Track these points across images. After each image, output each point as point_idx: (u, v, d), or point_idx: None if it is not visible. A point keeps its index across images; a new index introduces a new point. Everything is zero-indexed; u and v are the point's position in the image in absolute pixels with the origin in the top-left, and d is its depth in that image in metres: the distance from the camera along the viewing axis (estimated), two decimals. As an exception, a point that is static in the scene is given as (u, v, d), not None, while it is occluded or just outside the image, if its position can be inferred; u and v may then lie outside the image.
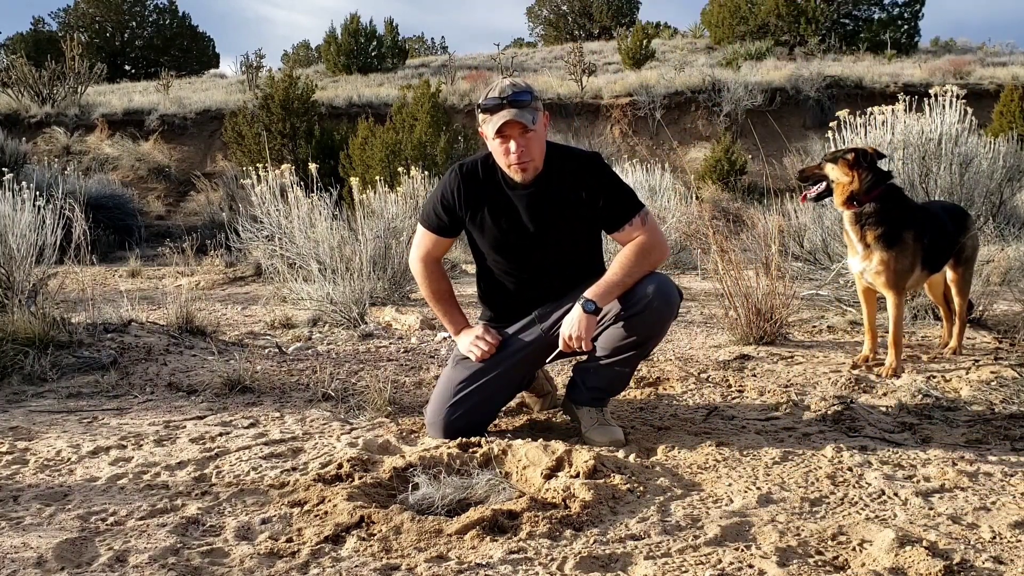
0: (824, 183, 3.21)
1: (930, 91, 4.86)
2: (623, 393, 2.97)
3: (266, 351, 3.77)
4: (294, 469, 2.18)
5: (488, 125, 2.25)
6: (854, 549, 1.66)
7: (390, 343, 4.01)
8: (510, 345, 2.44)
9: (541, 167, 2.32)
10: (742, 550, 1.66)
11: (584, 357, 2.47)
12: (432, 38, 69.41)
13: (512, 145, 2.23)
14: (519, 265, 2.43)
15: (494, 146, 2.29)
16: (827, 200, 3.31)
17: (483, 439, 2.31)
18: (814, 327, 4.14)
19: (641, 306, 2.27)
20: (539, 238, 2.37)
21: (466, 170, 2.38)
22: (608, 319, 2.34)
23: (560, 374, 3.21)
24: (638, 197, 2.39)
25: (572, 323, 2.25)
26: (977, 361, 3.29)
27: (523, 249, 2.40)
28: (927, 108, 4.81)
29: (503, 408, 2.74)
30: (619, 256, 2.33)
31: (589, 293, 2.26)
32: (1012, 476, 2.06)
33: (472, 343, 2.42)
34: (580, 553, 1.64)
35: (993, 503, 1.90)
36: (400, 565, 1.61)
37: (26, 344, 3.19)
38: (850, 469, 2.13)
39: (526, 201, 2.34)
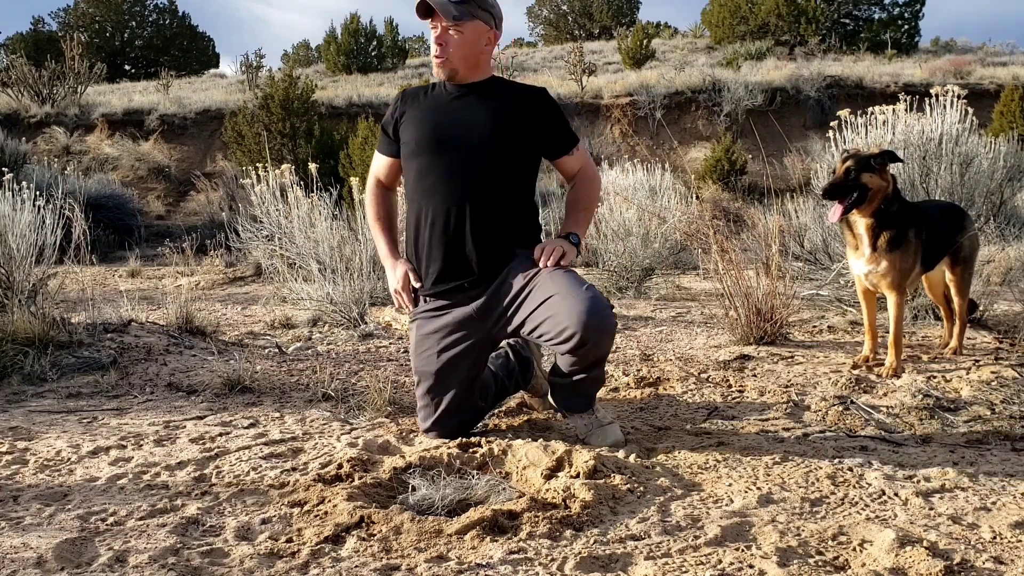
0: (857, 192, 3.06)
1: (930, 91, 4.85)
2: (623, 393, 2.97)
3: (266, 351, 3.77)
4: (294, 469, 2.18)
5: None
6: (854, 549, 1.66)
7: (390, 343, 4.01)
8: (451, 339, 2.36)
9: (464, 71, 2.35)
10: (742, 550, 1.66)
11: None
12: (432, 38, 69.28)
13: (433, 35, 2.32)
14: (444, 175, 2.30)
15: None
16: (825, 200, 3.26)
17: (483, 439, 2.31)
18: (814, 327, 4.14)
19: (580, 341, 2.14)
20: (468, 141, 2.30)
21: (414, 87, 2.54)
22: (551, 344, 2.22)
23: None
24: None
25: (556, 245, 2.33)
26: (977, 361, 3.29)
27: (450, 150, 2.30)
28: (928, 108, 4.80)
29: (501, 406, 2.74)
30: (574, 192, 2.49)
31: (573, 227, 2.42)
32: (1012, 476, 2.06)
33: (394, 293, 2.49)
34: (580, 553, 1.64)
35: (993, 503, 1.90)
36: (400, 565, 1.61)
37: (26, 344, 3.19)
38: (850, 469, 2.13)
39: (461, 102, 2.38)
